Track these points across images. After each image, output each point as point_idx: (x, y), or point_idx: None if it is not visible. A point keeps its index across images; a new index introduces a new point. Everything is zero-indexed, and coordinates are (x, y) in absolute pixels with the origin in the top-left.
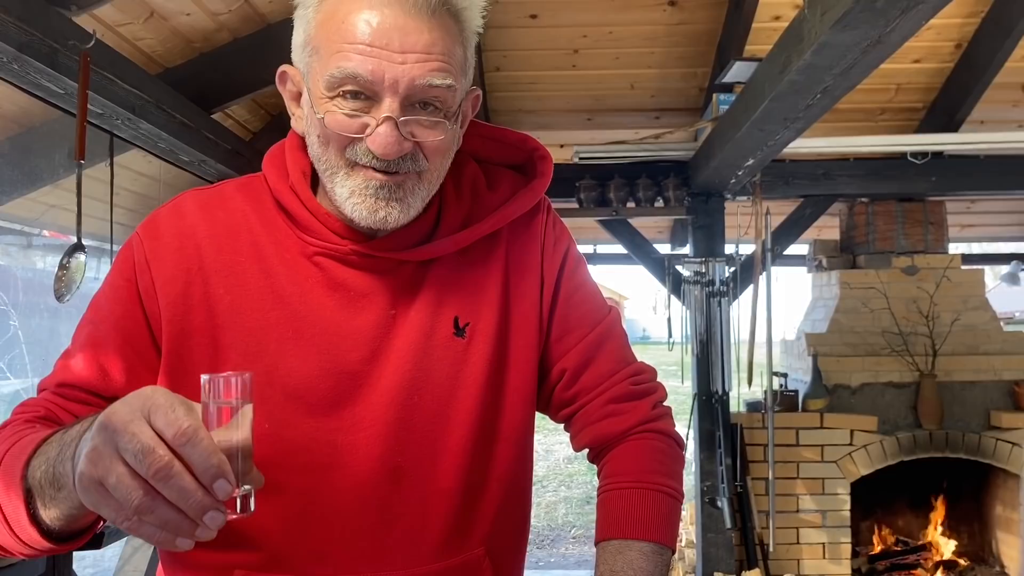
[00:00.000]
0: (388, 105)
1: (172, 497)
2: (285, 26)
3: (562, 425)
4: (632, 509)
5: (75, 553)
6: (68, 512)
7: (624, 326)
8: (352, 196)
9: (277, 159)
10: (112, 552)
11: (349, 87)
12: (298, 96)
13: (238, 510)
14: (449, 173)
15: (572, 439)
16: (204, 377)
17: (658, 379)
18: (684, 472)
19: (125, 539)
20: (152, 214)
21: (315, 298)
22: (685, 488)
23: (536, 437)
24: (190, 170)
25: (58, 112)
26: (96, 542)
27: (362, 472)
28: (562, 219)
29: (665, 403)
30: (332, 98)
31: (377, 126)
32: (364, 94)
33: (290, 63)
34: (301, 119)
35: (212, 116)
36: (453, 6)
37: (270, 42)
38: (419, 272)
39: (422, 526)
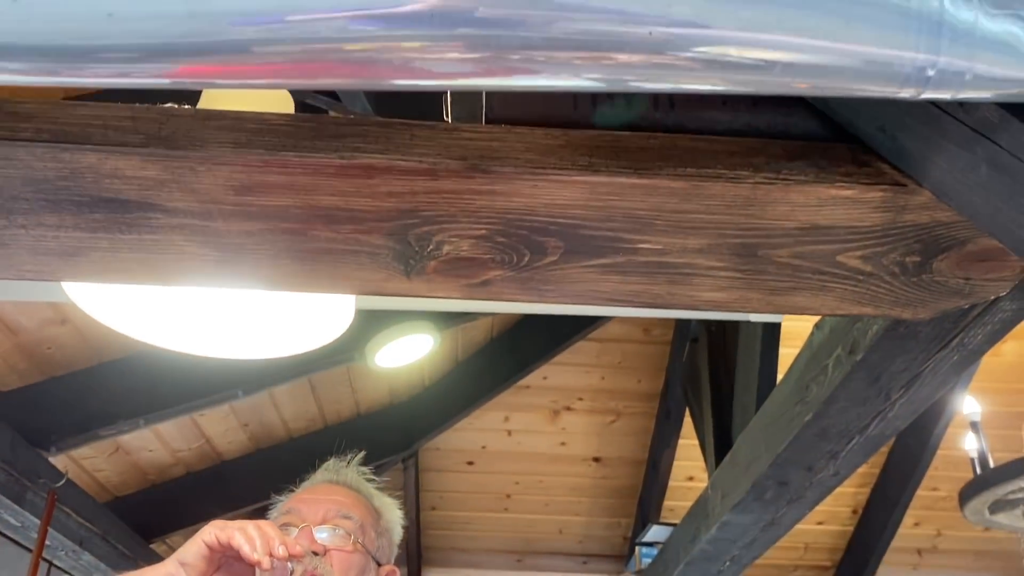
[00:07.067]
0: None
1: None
2: (238, 463)
3: None
4: None
5: None
6: None
7: None
8: None
9: None
10: None
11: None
12: None
13: None
14: None
15: None
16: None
17: None
18: None
19: None
20: None
21: None
22: None
23: None
24: None
25: (3, 539)
26: None
27: None
28: None
29: None
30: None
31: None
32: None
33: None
34: None
35: (151, 545)
36: (352, 486)
37: (221, 478)
38: None
39: None
